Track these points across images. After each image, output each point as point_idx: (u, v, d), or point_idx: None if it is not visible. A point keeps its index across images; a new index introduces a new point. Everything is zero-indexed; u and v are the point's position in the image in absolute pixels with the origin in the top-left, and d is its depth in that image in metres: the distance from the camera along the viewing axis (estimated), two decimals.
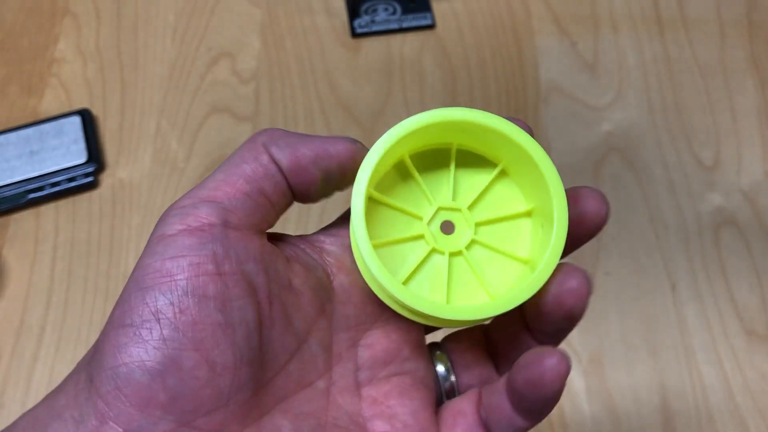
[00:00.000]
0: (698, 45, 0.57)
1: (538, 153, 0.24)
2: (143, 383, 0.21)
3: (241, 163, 0.24)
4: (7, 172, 0.51)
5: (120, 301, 0.22)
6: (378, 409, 0.25)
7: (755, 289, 0.48)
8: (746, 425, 0.43)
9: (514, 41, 0.58)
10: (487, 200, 0.26)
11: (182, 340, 0.21)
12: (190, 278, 0.21)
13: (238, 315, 0.22)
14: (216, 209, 0.23)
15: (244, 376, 0.22)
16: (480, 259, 0.25)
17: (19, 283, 0.48)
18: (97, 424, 0.21)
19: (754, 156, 0.53)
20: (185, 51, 0.57)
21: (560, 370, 0.21)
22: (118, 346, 0.21)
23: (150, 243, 0.22)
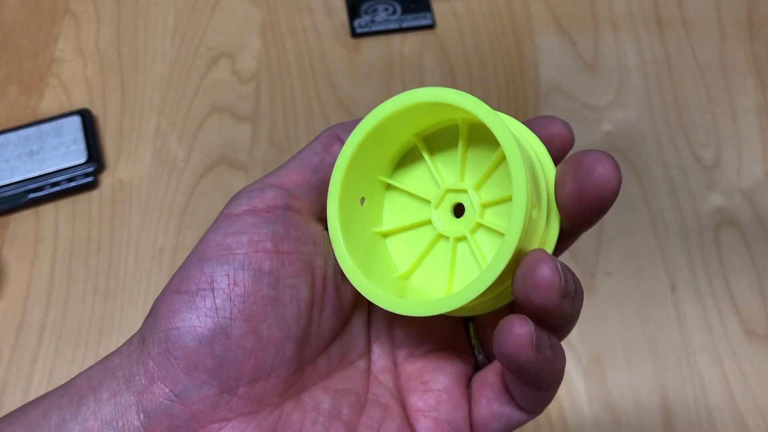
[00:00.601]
0: (698, 45, 0.57)
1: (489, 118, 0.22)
2: (192, 347, 0.22)
3: (311, 155, 0.25)
4: (7, 172, 0.51)
5: (180, 270, 0.23)
6: (413, 384, 0.25)
7: (755, 289, 0.48)
8: (746, 425, 0.43)
9: (514, 41, 0.58)
10: (493, 180, 0.25)
11: (233, 310, 0.22)
12: (248, 253, 0.23)
13: (291, 293, 0.23)
14: (281, 194, 0.24)
15: (289, 352, 0.23)
16: (484, 243, 0.25)
17: (19, 283, 0.48)
18: (146, 383, 0.22)
19: (755, 156, 0.53)
20: (185, 51, 0.57)
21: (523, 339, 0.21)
22: (173, 310, 0.22)
23: (216, 220, 0.24)
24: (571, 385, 0.45)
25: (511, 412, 0.24)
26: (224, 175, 0.52)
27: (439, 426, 0.24)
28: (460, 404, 0.25)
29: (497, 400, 0.24)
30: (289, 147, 0.53)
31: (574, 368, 0.45)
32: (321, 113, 0.55)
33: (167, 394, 0.22)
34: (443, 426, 0.24)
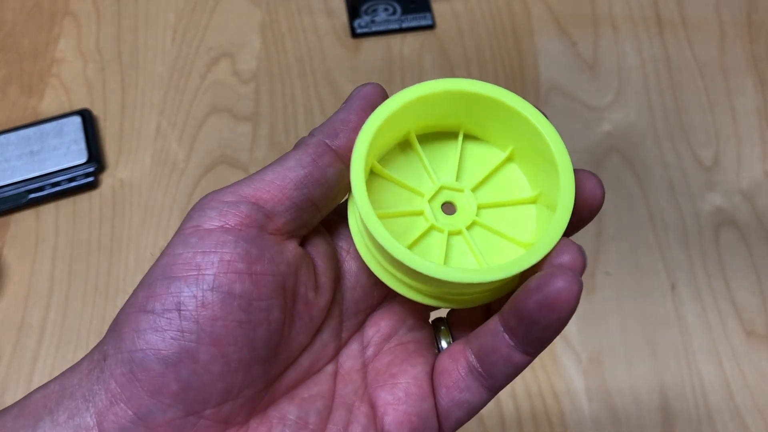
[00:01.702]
0: (698, 45, 0.57)
1: (547, 130, 0.23)
2: (157, 371, 0.21)
3: (297, 167, 0.23)
4: (8, 172, 0.51)
5: (144, 285, 0.22)
6: (381, 379, 0.25)
7: (755, 289, 0.48)
8: (746, 425, 0.44)
9: (514, 41, 0.58)
10: (491, 184, 0.26)
11: (200, 334, 0.21)
12: (218, 274, 0.22)
13: (262, 315, 0.22)
14: (257, 212, 0.23)
15: (257, 373, 0.22)
16: (480, 239, 0.25)
17: (19, 283, 0.48)
18: (107, 404, 0.21)
19: (754, 156, 0.53)
20: (185, 51, 0.57)
21: (574, 289, 0.21)
22: (138, 330, 0.21)
23: (183, 232, 0.23)
24: (571, 385, 0.45)
25: (471, 397, 0.24)
26: (224, 175, 0.52)
27: (407, 418, 0.24)
28: (428, 395, 0.24)
29: (456, 387, 0.24)
30: (289, 147, 0.53)
31: (574, 368, 0.45)
32: (321, 113, 0.55)
33: (130, 416, 0.21)
34: (411, 418, 0.24)
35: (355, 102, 0.25)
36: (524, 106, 0.24)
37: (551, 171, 0.23)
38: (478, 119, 0.25)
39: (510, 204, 0.26)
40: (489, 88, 0.24)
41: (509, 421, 0.44)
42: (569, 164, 0.23)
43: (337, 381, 0.25)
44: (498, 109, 0.24)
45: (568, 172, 0.23)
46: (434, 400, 0.24)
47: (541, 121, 0.24)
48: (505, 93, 0.24)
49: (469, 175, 0.26)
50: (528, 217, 0.25)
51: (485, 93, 0.24)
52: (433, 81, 0.24)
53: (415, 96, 0.24)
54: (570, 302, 0.21)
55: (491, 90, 0.24)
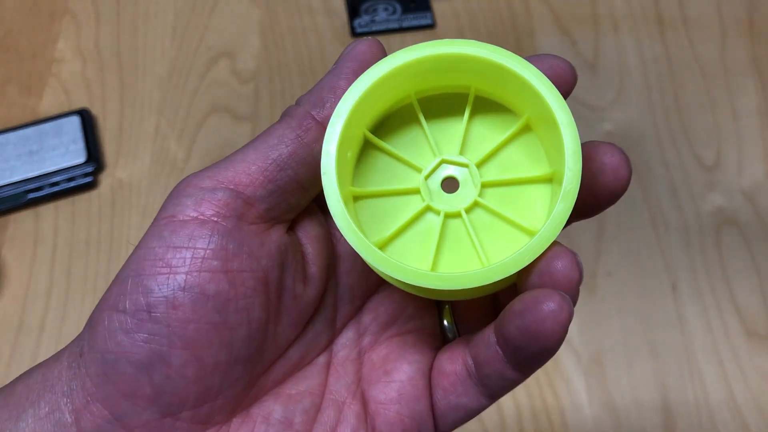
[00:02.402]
0: (699, 45, 0.57)
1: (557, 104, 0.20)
2: (129, 375, 0.20)
3: (279, 144, 0.21)
4: (7, 172, 0.51)
5: (118, 279, 0.21)
6: (376, 374, 0.23)
7: (756, 289, 0.47)
8: (746, 425, 0.43)
9: (515, 41, 0.58)
10: (501, 158, 0.23)
11: (171, 337, 0.20)
12: (190, 273, 0.20)
13: (240, 315, 0.21)
14: (235, 199, 0.21)
15: (238, 374, 0.21)
16: (480, 224, 0.22)
17: (18, 283, 0.48)
18: (84, 402, 0.21)
19: (755, 156, 0.52)
20: (185, 51, 0.57)
21: (561, 317, 0.19)
22: (110, 330, 0.20)
23: (158, 222, 0.21)
24: (571, 385, 0.44)
25: (468, 402, 0.22)
26: None
27: (400, 420, 0.22)
28: (423, 395, 0.23)
29: (454, 391, 0.22)
30: None
31: (574, 368, 0.45)
32: None
33: (107, 416, 0.20)
34: (404, 420, 0.22)
35: (346, 64, 0.22)
36: (532, 73, 0.21)
37: (560, 147, 0.20)
38: (489, 81, 0.22)
39: (518, 182, 0.23)
40: (494, 52, 0.21)
41: (509, 420, 0.44)
42: (576, 139, 0.20)
43: (330, 373, 0.24)
44: (508, 75, 0.21)
45: (575, 147, 0.20)
46: (430, 400, 0.23)
47: (550, 90, 0.21)
48: (512, 58, 0.21)
49: (477, 145, 0.23)
50: (538, 198, 0.22)
51: (491, 59, 0.21)
52: (432, 42, 0.21)
53: (411, 59, 0.21)
54: (556, 331, 0.19)
55: (497, 55, 0.21)
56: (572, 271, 0.20)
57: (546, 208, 0.22)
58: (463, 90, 0.23)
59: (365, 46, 0.22)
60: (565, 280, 0.20)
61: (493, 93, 0.23)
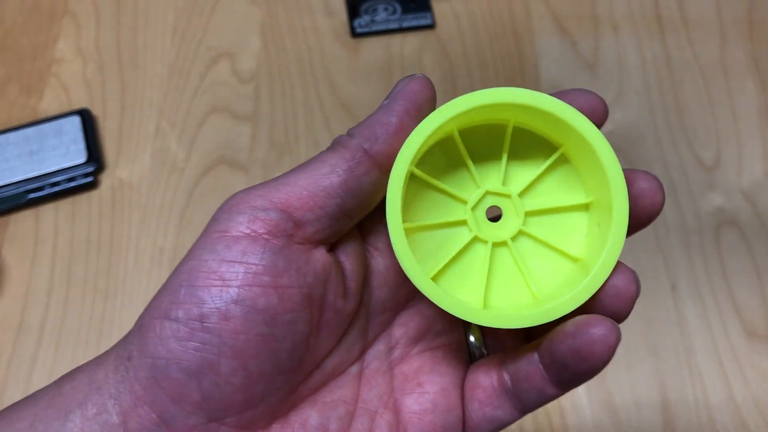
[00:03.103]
0: (698, 45, 0.57)
1: (598, 142, 0.22)
2: (179, 380, 0.21)
3: (331, 175, 0.22)
4: (7, 172, 0.51)
5: (169, 289, 0.22)
6: (409, 386, 0.25)
7: (756, 289, 0.48)
8: (746, 425, 0.43)
9: (514, 41, 0.58)
10: (541, 187, 0.24)
11: (222, 347, 0.21)
12: (242, 287, 0.21)
13: (287, 329, 0.22)
14: (286, 221, 0.22)
15: (280, 383, 0.22)
16: (526, 252, 0.24)
17: (18, 283, 0.48)
18: (132, 405, 0.21)
19: (755, 156, 0.53)
20: (185, 51, 0.57)
21: (610, 341, 0.21)
22: (161, 337, 0.21)
23: (210, 235, 0.22)
24: None
25: (503, 415, 0.24)
26: (224, 175, 0.52)
27: (433, 429, 0.24)
28: (455, 407, 0.24)
29: (490, 404, 0.24)
30: (289, 147, 0.53)
31: None
32: (321, 113, 0.55)
33: (154, 419, 0.21)
34: (437, 430, 0.24)
35: (399, 103, 0.23)
36: (570, 112, 0.22)
37: (604, 181, 0.22)
38: (528, 117, 0.23)
39: (560, 210, 0.24)
40: (534, 98, 0.22)
41: None
42: (621, 177, 0.22)
43: (362, 384, 0.25)
44: (547, 115, 0.23)
45: (621, 185, 0.22)
46: (462, 411, 0.24)
47: (588, 126, 0.22)
48: (549, 101, 0.22)
49: (518, 176, 0.24)
50: (579, 226, 0.24)
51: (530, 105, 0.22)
52: (478, 93, 0.22)
53: (462, 111, 0.22)
54: (605, 354, 0.21)
55: (536, 100, 0.22)
56: (631, 287, 0.22)
57: (585, 234, 0.24)
58: (502, 122, 0.24)
59: (417, 85, 0.23)
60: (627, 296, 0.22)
61: (530, 125, 0.24)
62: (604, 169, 0.22)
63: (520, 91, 0.22)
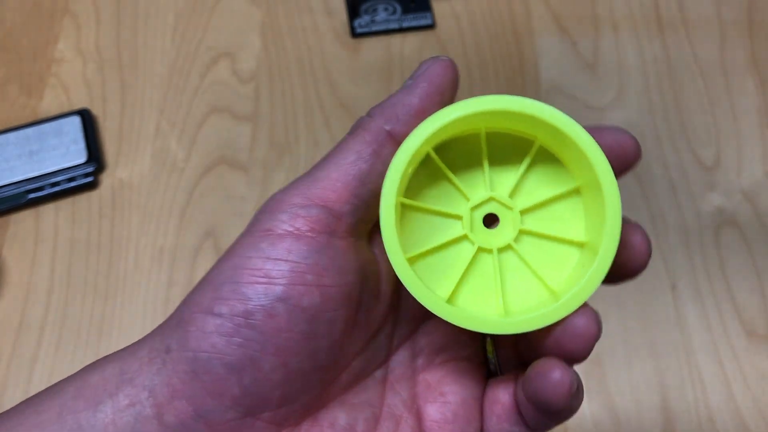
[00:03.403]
0: (698, 45, 0.57)
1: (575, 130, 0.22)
2: (220, 375, 0.21)
3: (358, 161, 0.23)
4: (7, 172, 0.51)
5: (211, 284, 0.22)
6: (432, 395, 0.25)
7: (755, 289, 0.48)
8: (746, 425, 0.43)
9: (514, 41, 0.58)
10: (529, 184, 0.24)
11: (265, 344, 0.21)
12: (287, 285, 0.21)
13: (326, 327, 0.22)
14: (327, 215, 0.22)
15: (315, 380, 0.23)
16: (531, 250, 0.24)
17: (18, 283, 0.48)
18: (168, 398, 0.21)
19: (755, 156, 0.53)
20: (185, 51, 0.57)
21: (563, 388, 0.21)
22: (204, 332, 0.21)
23: (253, 234, 0.22)
24: None
25: (519, 431, 0.24)
26: (224, 175, 0.52)
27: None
28: (474, 419, 0.24)
29: (507, 420, 0.24)
30: (289, 147, 0.53)
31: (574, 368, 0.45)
32: (321, 113, 0.55)
33: (190, 413, 0.21)
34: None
35: (421, 84, 0.23)
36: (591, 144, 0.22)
37: (587, 165, 0.22)
38: (553, 139, 0.23)
39: (553, 200, 0.24)
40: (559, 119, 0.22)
41: None
42: (618, 218, 0.22)
43: (386, 388, 0.25)
44: (569, 141, 0.22)
45: (615, 225, 0.22)
46: (480, 425, 0.24)
47: (603, 165, 0.22)
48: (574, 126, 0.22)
49: (503, 179, 0.24)
50: (575, 210, 0.24)
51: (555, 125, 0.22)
52: (506, 97, 0.22)
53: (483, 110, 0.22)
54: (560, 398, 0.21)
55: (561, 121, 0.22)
56: (591, 328, 0.22)
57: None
58: (530, 137, 0.24)
59: (441, 68, 0.23)
60: (585, 336, 0.22)
61: (555, 149, 0.24)
62: (582, 151, 0.22)
63: (487, 98, 0.22)
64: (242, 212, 0.51)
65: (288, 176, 0.52)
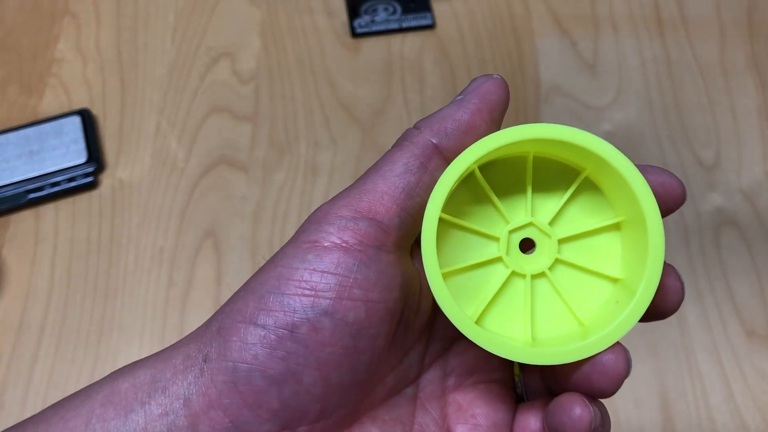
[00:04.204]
0: (698, 45, 0.57)
1: (623, 165, 0.22)
2: (260, 387, 0.21)
3: (406, 173, 0.22)
4: (7, 172, 0.51)
5: (254, 293, 0.22)
6: (462, 416, 0.25)
7: (755, 289, 0.48)
8: (746, 425, 0.43)
9: (514, 41, 0.58)
10: (570, 213, 0.24)
11: (308, 357, 0.21)
12: (334, 299, 0.21)
13: (369, 343, 0.22)
14: (375, 229, 0.22)
15: (353, 395, 0.22)
16: (565, 280, 0.24)
17: (18, 283, 0.48)
18: (204, 408, 0.21)
19: (755, 156, 0.53)
20: (185, 51, 0.57)
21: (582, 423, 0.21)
22: (246, 343, 0.21)
23: (300, 245, 0.22)
24: None
25: None
26: (224, 175, 0.52)
27: None
28: None
29: None
30: (289, 147, 0.53)
31: None
32: (321, 113, 0.55)
33: (227, 424, 0.21)
34: None
35: (472, 100, 0.23)
36: (633, 174, 0.22)
37: (633, 200, 0.22)
38: (601, 174, 0.23)
39: (592, 234, 0.24)
40: (614, 156, 0.22)
41: None
42: (660, 262, 0.22)
43: (417, 406, 0.25)
44: (620, 180, 0.22)
45: (651, 203, 0.22)
46: None
47: (652, 206, 0.22)
48: (629, 166, 0.22)
49: (545, 205, 0.24)
50: (613, 246, 0.24)
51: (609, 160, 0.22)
52: (559, 127, 0.22)
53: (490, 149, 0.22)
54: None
55: (616, 158, 0.22)
56: (620, 366, 0.22)
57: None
58: (578, 167, 0.24)
59: (492, 85, 0.23)
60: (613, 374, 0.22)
61: (601, 182, 0.24)
62: (631, 188, 0.22)
63: (541, 126, 0.22)
64: (242, 212, 0.51)
65: (288, 176, 0.52)
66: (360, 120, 0.54)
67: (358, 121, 0.54)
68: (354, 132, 0.54)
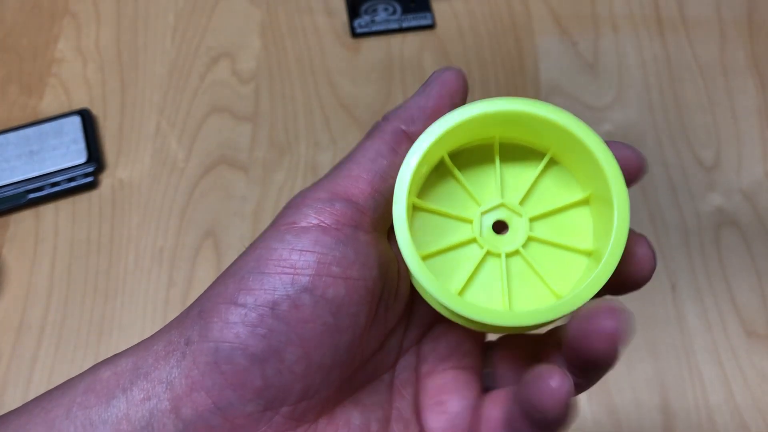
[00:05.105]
0: (698, 45, 0.57)
1: (589, 138, 0.22)
2: (243, 365, 0.21)
3: (378, 157, 0.23)
4: (7, 172, 0.51)
5: (234, 275, 0.22)
6: (431, 402, 0.25)
7: (755, 289, 0.48)
8: (746, 425, 0.43)
9: (514, 41, 0.58)
10: (539, 192, 0.25)
11: (289, 335, 0.21)
12: (313, 276, 0.21)
13: (349, 321, 0.22)
14: (351, 209, 0.22)
15: (334, 376, 0.23)
16: (539, 256, 0.24)
17: (18, 283, 0.48)
18: (186, 390, 0.21)
19: (755, 156, 0.53)
20: (185, 51, 0.57)
21: (560, 394, 0.20)
22: (227, 322, 0.21)
23: (278, 227, 0.22)
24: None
25: None
26: (224, 175, 0.52)
27: None
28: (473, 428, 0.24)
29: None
30: (289, 147, 0.53)
31: None
32: (321, 113, 0.55)
33: (210, 405, 0.21)
34: None
35: (434, 87, 0.24)
36: (561, 116, 0.23)
37: (599, 173, 0.23)
38: (513, 129, 0.24)
39: (562, 210, 0.25)
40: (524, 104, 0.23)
41: None
42: (616, 166, 0.22)
43: (393, 392, 0.25)
44: (533, 121, 0.23)
45: (616, 173, 0.22)
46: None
47: (616, 174, 0.22)
48: (592, 136, 0.23)
49: (514, 186, 0.25)
50: (583, 220, 0.24)
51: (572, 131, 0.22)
52: (465, 108, 0.23)
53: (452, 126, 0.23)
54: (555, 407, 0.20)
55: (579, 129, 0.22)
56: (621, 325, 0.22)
57: (594, 226, 0.24)
58: (488, 141, 0.25)
59: (452, 75, 0.24)
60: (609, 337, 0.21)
61: (566, 160, 0.24)
62: (596, 161, 0.22)
63: (500, 100, 0.23)
64: (242, 212, 0.51)
65: (288, 176, 0.52)
66: (360, 120, 0.54)
67: (358, 121, 0.54)
68: (354, 132, 0.54)
